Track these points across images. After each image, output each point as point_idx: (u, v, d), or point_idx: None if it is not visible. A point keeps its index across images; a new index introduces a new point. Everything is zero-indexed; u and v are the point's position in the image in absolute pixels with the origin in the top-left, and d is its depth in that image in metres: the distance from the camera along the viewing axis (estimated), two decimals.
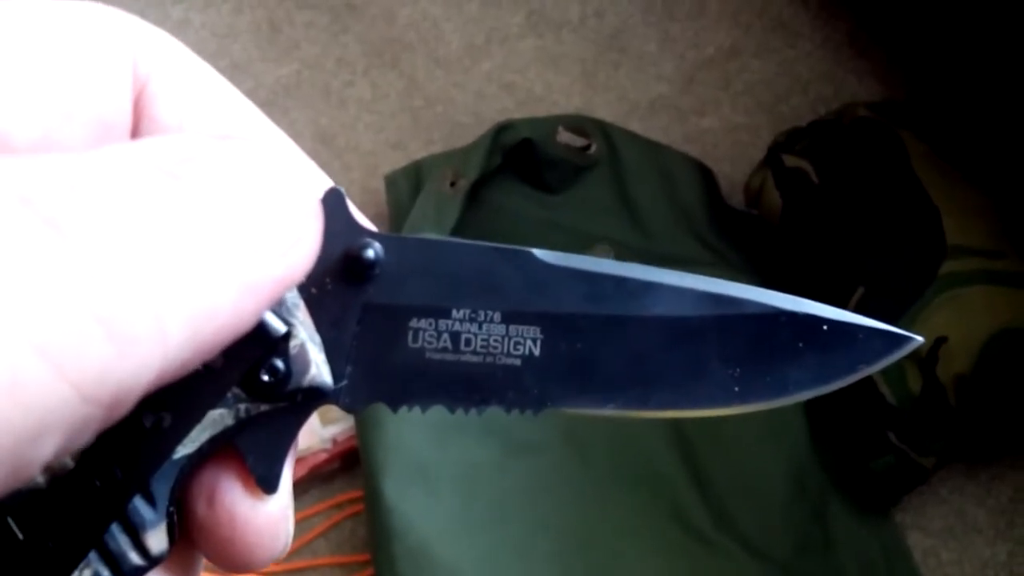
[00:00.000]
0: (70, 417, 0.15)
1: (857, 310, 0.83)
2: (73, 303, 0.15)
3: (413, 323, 0.22)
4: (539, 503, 0.79)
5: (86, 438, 0.16)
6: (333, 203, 0.22)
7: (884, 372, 0.78)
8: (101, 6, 0.21)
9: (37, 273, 0.14)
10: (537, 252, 0.23)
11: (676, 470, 0.82)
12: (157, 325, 0.16)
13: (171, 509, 0.21)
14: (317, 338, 0.22)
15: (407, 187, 0.91)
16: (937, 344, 0.78)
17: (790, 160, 0.88)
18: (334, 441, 0.84)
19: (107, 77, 0.20)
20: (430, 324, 0.22)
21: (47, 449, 0.15)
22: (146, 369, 0.16)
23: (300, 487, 0.85)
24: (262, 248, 0.18)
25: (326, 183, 0.23)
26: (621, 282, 0.23)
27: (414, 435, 0.77)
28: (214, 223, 0.17)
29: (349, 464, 0.86)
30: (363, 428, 0.79)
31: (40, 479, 0.20)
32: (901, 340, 0.24)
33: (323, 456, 0.84)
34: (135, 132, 0.21)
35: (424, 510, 0.76)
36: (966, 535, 0.87)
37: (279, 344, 0.21)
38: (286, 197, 0.19)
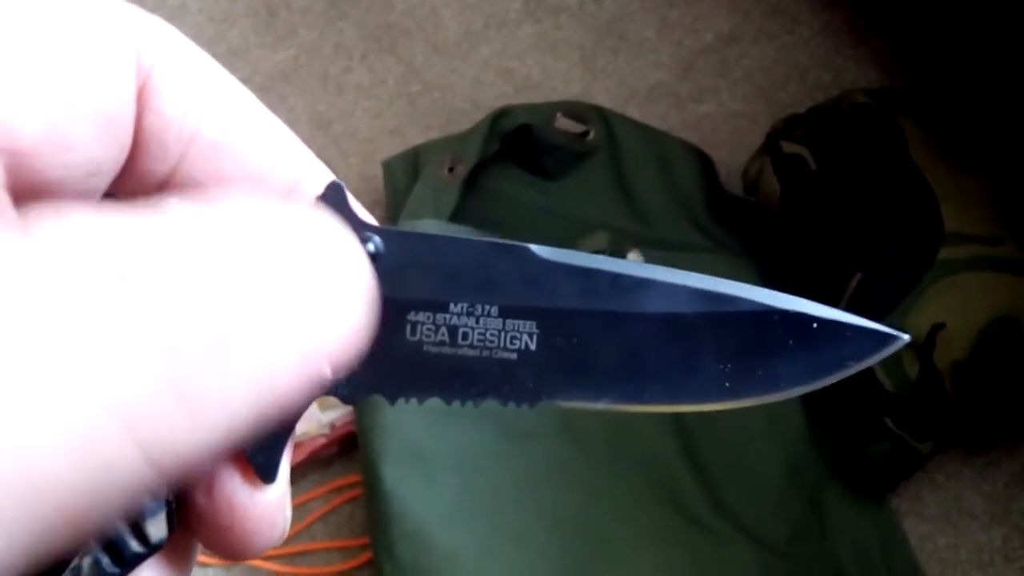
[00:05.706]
0: (132, 481, 0.15)
1: (855, 296, 0.83)
2: (149, 367, 0.15)
3: (412, 316, 0.23)
4: (537, 488, 0.80)
5: (135, 504, 0.16)
6: (333, 197, 0.22)
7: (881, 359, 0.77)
8: None
9: (119, 337, 0.15)
10: (534, 248, 0.23)
11: (674, 456, 0.82)
12: (224, 396, 0.16)
13: (170, 497, 0.21)
14: None
15: (405, 173, 0.91)
16: (934, 330, 0.78)
17: (788, 146, 0.88)
18: (332, 426, 0.85)
19: (111, 69, 0.20)
20: (428, 318, 0.23)
21: (104, 511, 0.15)
22: (209, 439, 0.16)
23: (299, 472, 0.85)
24: (324, 327, 0.18)
25: (326, 175, 0.23)
26: (616, 278, 0.23)
27: (412, 420, 0.77)
28: (288, 309, 0.17)
29: (347, 449, 0.86)
30: (361, 413, 0.79)
31: None
32: (888, 339, 0.24)
33: (321, 441, 0.85)
34: (138, 125, 0.21)
35: (422, 494, 0.76)
36: (962, 521, 0.87)
37: None
38: (349, 281, 0.19)
